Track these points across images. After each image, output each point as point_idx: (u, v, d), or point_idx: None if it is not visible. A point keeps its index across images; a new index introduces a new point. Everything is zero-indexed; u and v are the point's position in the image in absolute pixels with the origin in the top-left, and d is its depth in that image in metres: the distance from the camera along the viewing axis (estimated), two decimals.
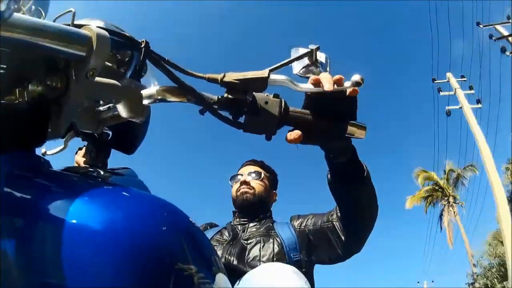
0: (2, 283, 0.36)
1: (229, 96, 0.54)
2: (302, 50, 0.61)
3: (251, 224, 1.32)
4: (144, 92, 0.50)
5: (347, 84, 0.57)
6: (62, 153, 0.70)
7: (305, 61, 0.63)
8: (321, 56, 0.64)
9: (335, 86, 0.57)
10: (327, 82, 0.57)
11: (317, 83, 0.58)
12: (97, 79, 0.46)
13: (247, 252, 1.17)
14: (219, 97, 0.55)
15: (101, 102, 0.58)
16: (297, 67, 0.64)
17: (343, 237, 1.07)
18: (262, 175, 1.42)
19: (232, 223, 1.37)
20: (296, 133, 0.59)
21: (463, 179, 17.03)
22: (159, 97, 0.50)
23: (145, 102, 0.51)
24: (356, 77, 0.56)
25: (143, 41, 0.49)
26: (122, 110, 0.52)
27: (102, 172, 0.61)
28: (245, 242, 1.22)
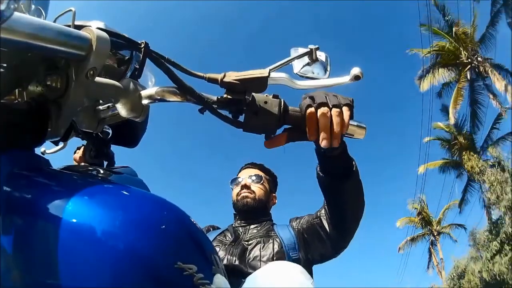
0: (2, 282, 0.36)
1: (229, 96, 0.54)
2: (302, 50, 0.61)
3: (252, 226, 1.33)
4: (144, 92, 0.50)
5: (346, 78, 0.57)
6: (62, 151, 0.70)
7: (305, 60, 0.63)
8: (321, 55, 0.64)
9: (335, 78, 0.58)
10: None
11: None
12: (97, 79, 0.46)
13: (247, 253, 1.19)
14: (219, 97, 0.55)
15: (101, 101, 0.58)
16: (297, 66, 0.64)
17: (330, 232, 1.10)
18: (263, 179, 1.42)
19: (233, 225, 1.38)
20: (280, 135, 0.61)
21: None
22: (159, 97, 0.50)
23: (145, 102, 0.51)
24: (355, 71, 0.55)
25: (143, 42, 0.49)
26: (121, 109, 0.52)
27: (101, 171, 0.61)
28: (246, 243, 1.24)
